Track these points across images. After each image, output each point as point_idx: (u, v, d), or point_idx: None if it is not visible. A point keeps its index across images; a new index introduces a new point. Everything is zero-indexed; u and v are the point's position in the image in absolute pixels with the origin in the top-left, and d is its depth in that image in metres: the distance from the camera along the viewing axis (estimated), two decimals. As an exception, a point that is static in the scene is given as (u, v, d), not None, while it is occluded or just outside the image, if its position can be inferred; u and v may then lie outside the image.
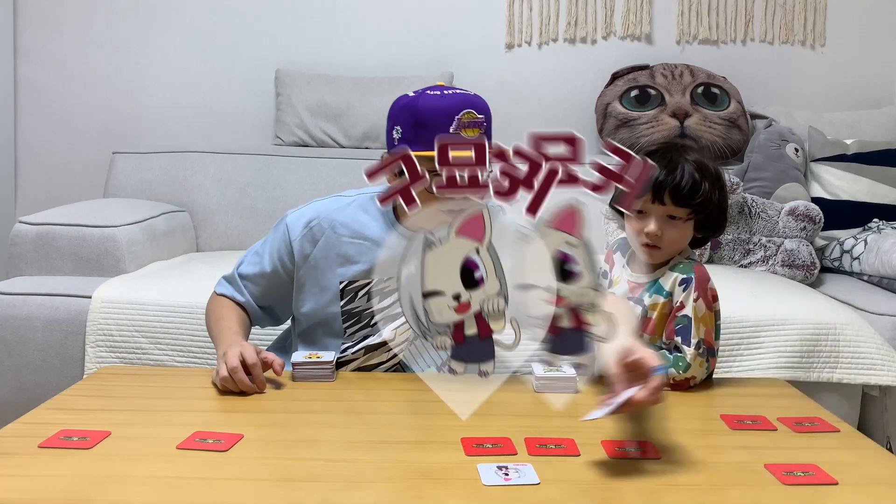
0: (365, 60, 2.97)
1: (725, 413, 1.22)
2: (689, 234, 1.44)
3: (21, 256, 2.16)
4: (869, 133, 2.82)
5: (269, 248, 1.51)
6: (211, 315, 1.53)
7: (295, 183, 2.69)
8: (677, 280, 1.41)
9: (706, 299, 1.39)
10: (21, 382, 1.99)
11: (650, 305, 1.44)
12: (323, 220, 1.47)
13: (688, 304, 1.38)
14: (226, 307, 1.52)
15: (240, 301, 1.53)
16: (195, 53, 3.01)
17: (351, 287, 1.45)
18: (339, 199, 1.51)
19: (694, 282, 1.39)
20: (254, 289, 1.53)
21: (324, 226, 1.47)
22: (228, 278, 1.56)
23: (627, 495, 0.94)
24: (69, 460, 1.00)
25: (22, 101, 3.01)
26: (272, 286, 1.52)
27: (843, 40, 3.05)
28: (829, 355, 1.94)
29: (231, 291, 1.54)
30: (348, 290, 1.45)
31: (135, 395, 1.29)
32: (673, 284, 1.42)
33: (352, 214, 1.48)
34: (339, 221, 1.47)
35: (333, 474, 0.98)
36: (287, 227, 1.49)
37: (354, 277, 1.45)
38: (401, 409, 1.25)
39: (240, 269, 1.55)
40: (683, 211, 1.40)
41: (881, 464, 1.06)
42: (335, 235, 1.46)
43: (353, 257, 1.45)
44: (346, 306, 1.45)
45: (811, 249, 2.38)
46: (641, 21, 3.01)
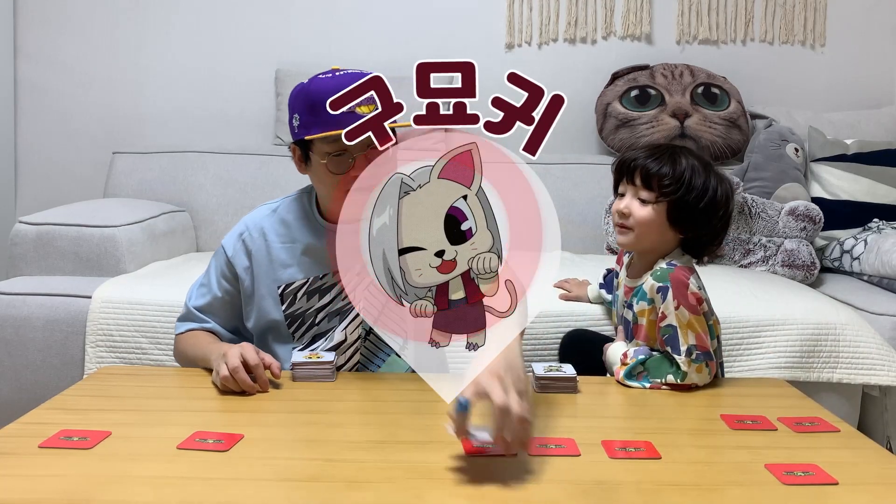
0: (365, 60, 2.96)
1: (725, 413, 1.22)
2: (660, 224, 1.44)
3: (21, 256, 2.16)
4: (869, 133, 2.82)
5: (214, 275, 1.52)
6: (186, 348, 1.49)
7: (295, 183, 2.66)
8: (654, 288, 1.41)
9: (688, 305, 1.37)
10: (21, 382, 1.99)
11: (638, 312, 1.44)
12: (252, 230, 1.49)
13: (669, 313, 1.38)
14: (198, 334, 1.50)
15: (207, 328, 1.52)
16: (195, 53, 3.01)
17: (289, 290, 1.46)
18: (265, 208, 1.54)
19: (671, 290, 1.38)
20: (213, 316, 1.52)
21: (254, 235, 1.49)
22: (184, 316, 1.54)
23: (627, 495, 0.94)
24: (69, 460, 1.00)
25: (22, 101, 3.01)
26: (228, 309, 1.52)
27: (843, 40, 3.05)
28: (829, 355, 1.94)
29: (195, 325, 1.52)
30: (287, 293, 1.46)
31: (135, 395, 1.29)
32: (652, 292, 1.42)
33: (278, 219, 1.50)
34: (268, 228, 1.49)
35: (333, 474, 0.98)
36: (223, 248, 1.51)
37: (291, 280, 1.46)
38: (401, 409, 1.25)
39: (192, 303, 1.53)
40: (651, 194, 1.43)
41: (881, 464, 1.06)
42: (266, 243, 1.48)
43: (285, 261, 1.47)
44: (288, 310, 1.46)
45: (811, 249, 2.38)
46: (641, 21, 3.01)
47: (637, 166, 1.45)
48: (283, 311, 1.46)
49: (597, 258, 2.47)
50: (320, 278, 1.46)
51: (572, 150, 2.98)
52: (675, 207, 1.42)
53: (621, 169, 1.50)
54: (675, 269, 1.41)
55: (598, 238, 2.67)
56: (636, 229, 1.46)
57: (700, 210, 1.42)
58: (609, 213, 2.63)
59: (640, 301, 1.44)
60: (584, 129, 2.99)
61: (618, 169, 1.51)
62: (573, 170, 2.81)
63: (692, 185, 1.42)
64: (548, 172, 2.78)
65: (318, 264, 1.46)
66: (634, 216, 1.45)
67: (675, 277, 1.39)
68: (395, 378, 1.43)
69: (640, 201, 1.45)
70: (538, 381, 1.31)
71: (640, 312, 1.44)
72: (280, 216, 1.50)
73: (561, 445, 1.07)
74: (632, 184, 1.46)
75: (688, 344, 1.36)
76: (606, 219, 2.64)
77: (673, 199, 1.42)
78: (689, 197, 1.42)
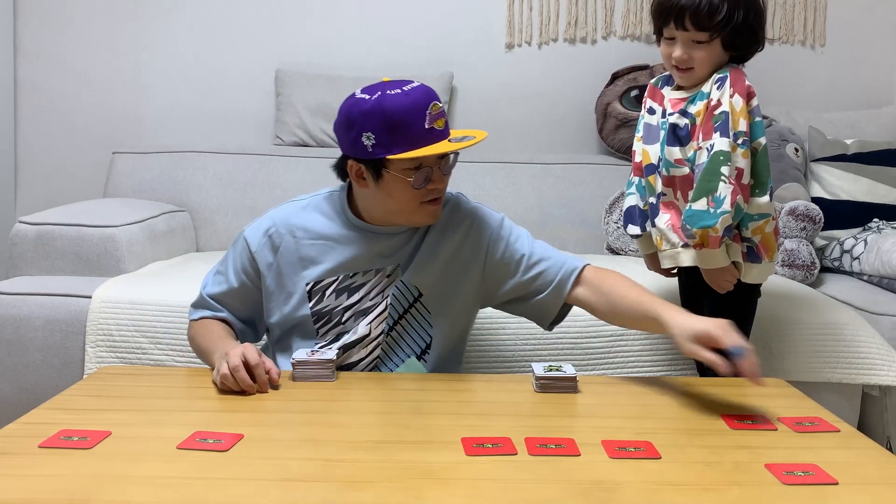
0: (365, 60, 2.97)
1: (725, 413, 1.22)
2: (718, 53, 1.55)
3: (21, 256, 2.16)
4: (869, 133, 2.82)
5: (233, 266, 1.51)
6: (196, 336, 1.50)
7: (295, 183, 2.69)
8: (713, 80, 1.53)
9: (742, 93, 1.50)
10: (21, 382, 1.99)
11: (696, 112, 1.55)
12: (280, 227, 1.48)
13: (724, 100, 1.49)
14: (210, 324, 1.50)
15: (221, 317, 1.51)
16: (195, 53, 3.01)
17: (317, 287, 1.46)
18: (293, 205, 1.52)
19: (729, 79, 1.51)
20: (228, 306, 1.52)
21: (282, 231, 1.48)
22: (198, 303, 1.54)
23: (627, 495, 0.94)
24: (69, 460, 1.00)
25: (22, 101, 3.01)
26: (244, 300, 1.51)
27: (843, 40, 3.05)
28: (829, 355, 1.94)
29: (209, 312, 1.52)
30: (315, 290, 1.46)
31: (135, 395, 1.29)
32: (710, 86, 1.54)
33: (308, 217, 1.49)
34: (297, 225, 1.48)
35: (333, 474, 0.98)
36: (246, 240, 1.49)
37: (319, 277, 1.46)
38: (401, 409, 1.25)
39: (207, 291, 1.52)
40: (705, 34, 1.52)
41: (881, 464, 1.06)
42: (294, 239, 1.47)
43: (315, 258, 1.46)
44: (315, 307, 1.46)
45: (811, 249, 2.38)
46: (641, 21, 3.01)
47: (686, 10, 1.52)
48: (310, 308, 1.46)
49: (597, 258, 2.47)
50: (350, 277, 1.46)
51: (572, 150, 2.98)
52: (730, 35, 1.52)
53: (666, 15, 1.56)
54: (736, 67, 1.55)
55: (599, 238, 2.67)
56: (697, 69, 1.55)
57: (751, 29, 1.54)
58: (609, 211, 2.63)
59: (699, 101, 1.55)
60: (584, 129, 2.99)
61: (661, 15, 1.58)
62: (573, 170, 2.81)
63: (740, 11, 1.51)
64: (548, 172, 2.78)
65: (351, 263, 1.46)
66: (693, 59, 1.54)
67: (734, 71, 1.54)
68: (394, 378, 1.43)
69: (693, 42, 1.53)
70: (538, 381, 1.31)
71: (697, 113, 1.55)
72: (310, 214, 1.50)
73: (561, 445, 1.07)
74: (682, 29, 1.53)
75: (736, 130, 1.48)
76: (606, 219, 2.64)
77: (728, 30, 1.51)
78: (740, 23, 1.51)
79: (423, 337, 1.49)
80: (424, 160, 1.37)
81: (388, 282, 1.46)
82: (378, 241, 1.46)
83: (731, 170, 1.49)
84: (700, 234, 1.52)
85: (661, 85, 1.70)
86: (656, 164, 1.67)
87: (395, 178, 1.37)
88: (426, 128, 1.34)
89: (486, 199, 1.89)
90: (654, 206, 1.68)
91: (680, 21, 1.53)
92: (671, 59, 1.57)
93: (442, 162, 1.41)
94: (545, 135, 3.01)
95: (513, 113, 2.98)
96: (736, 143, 1.48)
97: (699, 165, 1.54)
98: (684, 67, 1.56)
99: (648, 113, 1.71)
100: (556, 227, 2.67)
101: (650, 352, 1.92)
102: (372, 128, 1.35)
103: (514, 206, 2.68)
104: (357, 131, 1.36)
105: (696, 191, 1.53)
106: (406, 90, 1.36)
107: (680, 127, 1.58)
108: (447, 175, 1.43)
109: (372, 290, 1.46)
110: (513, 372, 1.85)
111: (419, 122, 1.34)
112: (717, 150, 1.49)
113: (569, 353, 1.89)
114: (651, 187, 1.68)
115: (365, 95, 1.37)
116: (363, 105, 1.36)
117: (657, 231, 1.66)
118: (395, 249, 1.47)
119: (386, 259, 1.47)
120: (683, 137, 1.58)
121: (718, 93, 1.52)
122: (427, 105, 1.35)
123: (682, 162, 1.59)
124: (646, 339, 1.91)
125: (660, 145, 1.64)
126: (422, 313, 1.48)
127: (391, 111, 1.33)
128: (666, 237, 1.63)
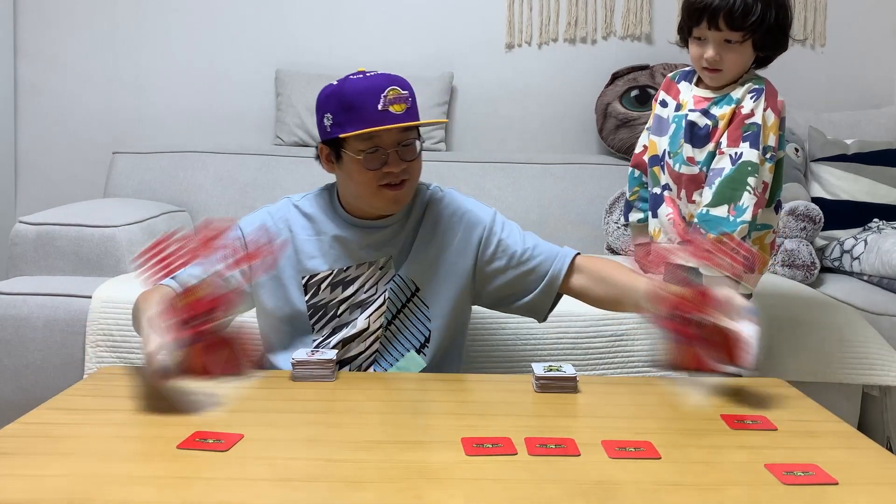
0: (365, 61, 2.95)
1: (725, 413, 1.22)
2: (749, 55, 1.55)
3: (21, 256, 2.16)
4: (869, 133, 2.82)
5: None
6: None
7: (295, 183, 2.69)
8: (748, 89, 1.54)
9: (775, 110, 1.52)
10: (21, 382, 1.99)
11: (720, 116, 1.55)
12: (278, 221, 1.51)
13: (758, 111, 1.51)
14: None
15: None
16: (195, 53, 3.01)
17: (313, 281, 1.48)
18: (287, 201, 1.56)
19: (765, 92, 1.53)
20: None
21: (279, 226, 1.51)
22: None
23: (627, 495, 0.94)
24: (69, 460, 1.00)
25: (22, 101, 3.01)
26: None
27: (843, 40, 3.05)
28: (829, 355, 1.94)
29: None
30: (311, 283, 1.48)
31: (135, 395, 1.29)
32: (743, 94, 1.54)
33: (302, 212, 1.52)
34: (292, 219, 1.51)
35: (333, 474, 0.98)
36: (241, 229, 1.51)
37: (315, 271, 1.48)
38: (401, 409, 1.25)
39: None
40: (738, 34, 1.51)
41: (881, 464, 1.06)
42: (291, 234, 1.50)
43: (311, 252, 1.49)
44: (311, 300, 1.48)
45: (811, 249, 2.38)
46: (641, 21, 3.01)
47: (720, 10, 1.50)
48: (305, 302, 1.47)
49: (597, 258, 2.47)
50: (344, 270, 1.48)
51: (572, 150, 2.98)
52: (762, 36, 1.52)
53: (699, 15, 1.54)
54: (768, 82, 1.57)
55: (599, 238, 2.67)
56: (726, 70, 1.55)
57: (781, 29, 1.54)
58: (609, 211, 2.63)
59: (725, 105, 1.56)
60: (584, 129, 3.00)
61: (693, 14, 1.56)
62: (573, 170, 2.81)
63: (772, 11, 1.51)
64: (548, 172, 2.79)
65: (343, 257, 1.48)
66: (725, 60, 1.54)
67: (769, 85, 1.55)
68: (394, 378, 1.43)
69: (725, 42, 1.53)
70: (538, 381, 1.31)
71: (721, 116, 1.55)
72: (304, 210, 1.53)
73: (561, 445, 1.07)
74: (715, 28, 1.52)
75: (766, 144, 1.50)
76: (606, 219, 2.64)
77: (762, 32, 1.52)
78: (772, 23, 1.52)
79: (421, 331, 1.50)
80: (380, 142, 1.39)
81: (381, 274, 1.48)
82: (367, 233, 1.49)
83: (759, 182, 1.51)
84: None
85: (678, 80, 1.70)
86: (661, 156, 1.67)
87: (351, 158, 1.41)
88: (379, 109, 1.37)
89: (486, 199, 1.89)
90: (657, 196, 1.69)
91: (713, 21, 1.51)
92: (702, 59, 1.56)
93: (401, 148, 1.41)
94: (545, 135, 3.01)
95: (513, 113, 2.98)
96: (764, 156, 1.50)
97: (715, 170, 1.54)
98: (714, 68, 1.56)
99: (661, 105, 1.72)
100: (556, 227, 2.67)
101: (650, 352, 1.91)
102: (331, 109, 1.41)
103: (514, 206, 2.68)
104: (321, 113, 1.44)
105: (715, 195, 1.53)
106: (368, 75, 1.43)
107: (699, 126, 1.58)
108: (410, 162, 1.43)
109: (366, 282, 1.48)
110: (513, 372, 1.85)
111: (372, 103, 1.38)
112: (745, 159, 1.50)
113: (569, 353, 1.89)
114: (655, 178, 1.69)
115: (334, 82, 1.44)
116: (327, 89, 1.44)
117: (657, 222, 1.66)
118: (385, 242, 1.49)
119: (377, 251, 1.49)
120: (701, 138, 1.58)
121: (752, 104, 1.53)
122: (384, 88, 1.39)
123: (692, 161, 1.59)
124: (646, 339, 1.91)
125: (668, 138, 1.65)
126: (419, 307, 1.50)
127: (347, 92, 1.40)
128: (665, 230, 1.64)
